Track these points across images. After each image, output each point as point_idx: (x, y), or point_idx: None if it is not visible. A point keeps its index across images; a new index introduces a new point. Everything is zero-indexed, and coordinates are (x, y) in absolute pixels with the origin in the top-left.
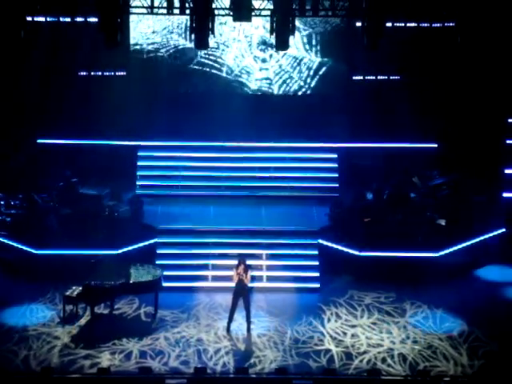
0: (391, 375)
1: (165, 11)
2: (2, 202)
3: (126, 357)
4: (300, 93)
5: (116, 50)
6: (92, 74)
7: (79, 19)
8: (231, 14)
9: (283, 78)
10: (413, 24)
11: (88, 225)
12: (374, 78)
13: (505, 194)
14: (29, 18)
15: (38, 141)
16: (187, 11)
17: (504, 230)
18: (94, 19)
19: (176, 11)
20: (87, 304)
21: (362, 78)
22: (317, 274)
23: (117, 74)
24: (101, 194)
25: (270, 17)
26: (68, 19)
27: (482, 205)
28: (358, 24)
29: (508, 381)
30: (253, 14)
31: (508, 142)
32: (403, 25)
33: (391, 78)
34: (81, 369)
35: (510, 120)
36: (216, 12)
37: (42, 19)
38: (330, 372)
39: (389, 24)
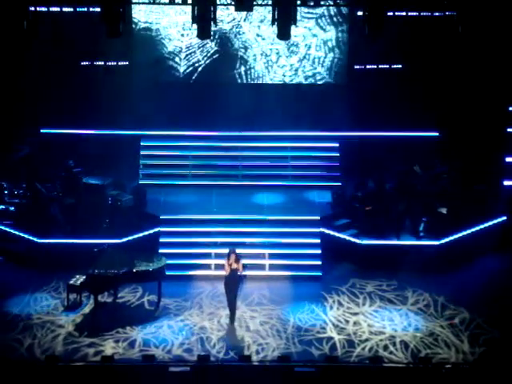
0: (393, 362)
1: (167, 1)
2: (5, 192)
3: (129, 345)
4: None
5: (119, 39)
6: (95, 63)
7: (81, 9)
8: (233, 3)
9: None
10: (414, 13)
11: (91, 214)
12: (375, 67)
13: (505, 182)
14: (31, 8)
15: (41, 131)
16: (189, 1)
17: (505, 217)
18: (96, 9)
19: (178, 1)
20: (91, 293)
21: (363, 67)
22: (319, 263)
23: (119, 63)
24: (104, 184)
25: (272, 6)
26: (70, 9)
27: (483, 193)
28: (360, 13)
29: (509, 368)
30: (254, 3)
31: (509, 130)
32: (404, 14)
33: (393, 67)
34: (85, 357)
35: (510, 108)
36: (218, 1)
37: (44, 9)
38: (333, 359)
39: (390, 13)
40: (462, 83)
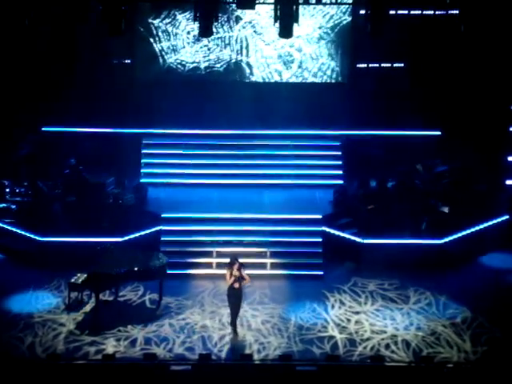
0: (395, 361)
1: None
2: (7, 190)
3: (130, 343)
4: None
5: (121, 37)
6: (97, 61)
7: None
8: (235, 1)
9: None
10: (416, 12)
11: (93, 212)
12: (377, 65)
13: (508, 182)
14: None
15: (43, 129)
16: None
17: (507, 217)
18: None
19: None
20: (92, 291)
21: (365, 65)
22: (320, 262)
23: (122, 62)
24: (105, 182)
25: (274, 5)
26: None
27: (485, 192)
28: (362, 12)
29: (511, 367)
30: (256, 1)
31: (511, 129)
32: (407, 12)
33: (395, 65)
34: (86, 355)
35: None
36: None
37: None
38: (334, 358)
39: (392, 12)
40: (464, 82)
